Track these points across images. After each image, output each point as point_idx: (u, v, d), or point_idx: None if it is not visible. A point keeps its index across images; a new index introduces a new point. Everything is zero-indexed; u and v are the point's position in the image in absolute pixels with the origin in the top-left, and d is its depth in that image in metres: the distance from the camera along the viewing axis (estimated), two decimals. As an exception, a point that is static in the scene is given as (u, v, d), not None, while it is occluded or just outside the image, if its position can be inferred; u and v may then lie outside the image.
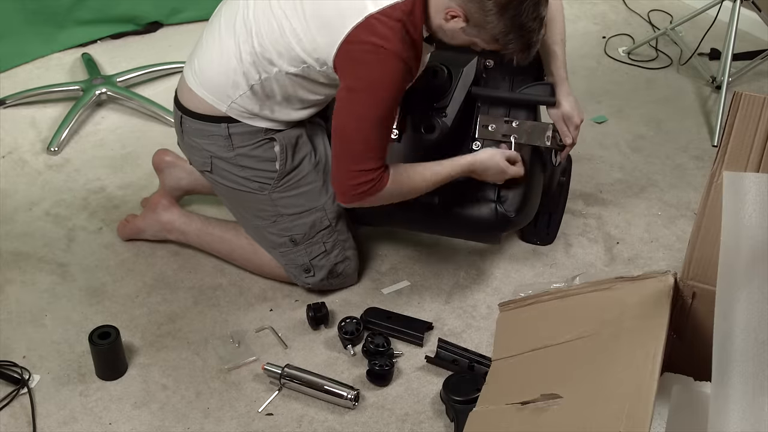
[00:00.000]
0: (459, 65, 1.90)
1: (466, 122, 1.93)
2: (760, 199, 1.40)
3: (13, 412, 1.76)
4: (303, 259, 1.97)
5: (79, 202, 2.35)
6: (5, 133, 2.63)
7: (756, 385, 1.26)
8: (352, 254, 2.03)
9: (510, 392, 1.54)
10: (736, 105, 1.44)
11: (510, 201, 1.94)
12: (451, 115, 1.89)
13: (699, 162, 2.53)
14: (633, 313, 1.52)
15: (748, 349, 1.29)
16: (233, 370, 1.85)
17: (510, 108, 1.96)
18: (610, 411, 1.32)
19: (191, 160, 1.99)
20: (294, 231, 1.94)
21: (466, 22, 1.65)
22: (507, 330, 1.74)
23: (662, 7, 3.38)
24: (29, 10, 2.94)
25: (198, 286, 2.07)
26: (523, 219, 2.02)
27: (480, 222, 1.95)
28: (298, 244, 1.95)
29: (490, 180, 1.91)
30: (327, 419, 1.75)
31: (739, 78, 2.89)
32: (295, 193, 1.92)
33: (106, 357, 1.82)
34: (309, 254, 1.96)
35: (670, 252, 2.19)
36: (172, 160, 2.22)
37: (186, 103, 1.89)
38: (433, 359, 1.85)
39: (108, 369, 1.83)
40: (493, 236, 2.05)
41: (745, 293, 1.33)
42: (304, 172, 1.92)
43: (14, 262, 2.14)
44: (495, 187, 1.94)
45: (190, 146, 1.94)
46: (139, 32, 3.18)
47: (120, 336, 1.82)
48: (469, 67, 1.91)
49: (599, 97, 2.85)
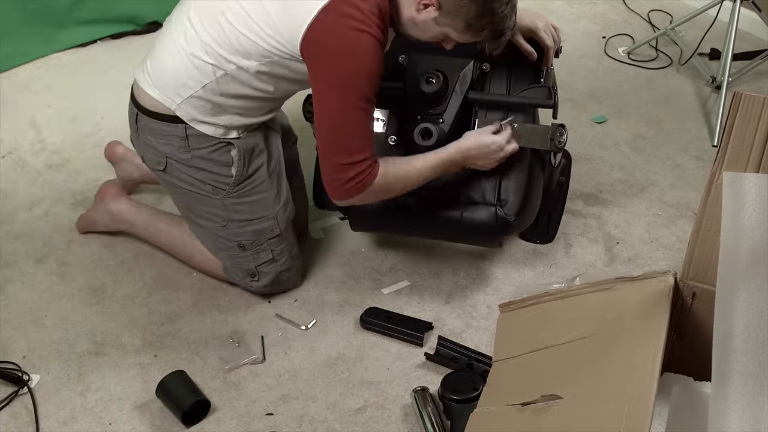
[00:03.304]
0: (455, 70, 1.90)
1: (463, 127, 1.93)
2: (760, 199, 1.40)
3: (13, 412, 1.76)
4: (249, 265, 1.96)
5: (79, 202, 2.35)
6: (5, 133, 2.63)
7: (756, 385, 1.26)
8: (298, 264, 2.04)
9: (511, 393, 1.54)
10: (736, 105, 1.44)
11: (510, 204, 1.93)
12: (448, 120, 1.88)
13: (699, 162, 2.53)
14: (633, 314, 1.52)
15: (748, 349, 1.29)
16: (233, 370, 1.85)
17: (507, 111, 1.95)
18: (610, 411, 1.33)
19: (144, 158, 1.94)
20: (243, 237, 1.93)
21: (438, 9, 1.65)
22: (507, 331, 1.75)
23: (662, 7, 3.38)
24: (29, 10, 2.94)
25: (198, 286, 2.07)
26: (523, 223, 2.01)
27: (480, 226, 1.94)
28: (246, 249, 1.94)
29: (488, 165, 1.87)
30: (327, 419, 1.75)
31: (739, 78, 2.89)
32: (249, 201, 1.90)
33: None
34: (256, 260, 1.96)
35: (670, 252, 2.19)
36: (123, 152, 2.25)
37: (143, 102, 1.85)
38: (432, 356, 1.85)
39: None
40: (493, 240, 2.05)
41: (745, 293, 1.33)
42: (260, 180, 1.90)
43: (14, 262, 2.14)
44: (495, 191, 1.93)
45: (144, 144, 1.89)
46: (139, 32, 3.18)
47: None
48: (465, 72, 1.90)
49: (599, 97, 2.85)
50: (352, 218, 2.03)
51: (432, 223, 1.97)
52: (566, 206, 2.28)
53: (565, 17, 3.37)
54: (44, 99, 2.82)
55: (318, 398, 1.80)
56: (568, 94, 2.86)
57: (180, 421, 1.73)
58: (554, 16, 3.37)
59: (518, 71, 1.97)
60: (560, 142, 1.93)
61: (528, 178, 1.95)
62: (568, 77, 2.96)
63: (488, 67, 1.97)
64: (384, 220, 1.98)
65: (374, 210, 1.94)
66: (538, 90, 1.96)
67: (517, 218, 1.94)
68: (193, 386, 1.78)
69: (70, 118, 2.72)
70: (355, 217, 2.02)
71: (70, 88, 2.88)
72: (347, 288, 2.08)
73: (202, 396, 1.76)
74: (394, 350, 1.91)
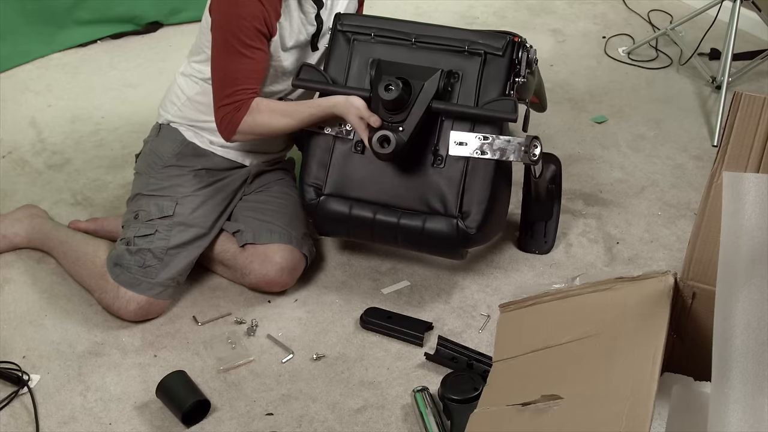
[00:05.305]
0: (420, 79, 1.88)
1: (426, 136, 1.92)
2: (760, 200, 1.40)
3: (13, 412, 1.76)
4: (129, 234, 1.97)
5: (79, 201, 2.35)
6: (5, 133, 2.63)
7: (756, 385, 1.26)
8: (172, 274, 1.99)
9: (511, 393, 1.54)
10: (736, 105, 1.44)
11: (472, 217, 1.91)
12: (408, 129, 1.85)
13: (699, 162, 2.53)
14: (633, 314, 1.52)
15: (748, 349, 1.29)
16: (229, 370, 1.85)
17: (474, 123, 1.93)
18: (610, 411, 1.32)
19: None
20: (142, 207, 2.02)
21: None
22: (508, 331, 1.74)
23: (662, 7, 3.38)
24: (29, 10, 2.94)
25: (198, 286, 2.07)
26: (484, 237, 1.99)
27: (441, 237, 1.92)
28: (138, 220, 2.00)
29: (353, 122, 1.90)
30: (327, 419, 1.75)
31: (739, 78, 2.89)
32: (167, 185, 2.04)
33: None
34: (137, 231, 1.97)
35: (670, 252, 2.19)
36: (85, 227, 2.21)
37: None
38: (432, 356, 1.85)
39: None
40: (456, 252, 2.01)
41: (745, 293, 1.33)
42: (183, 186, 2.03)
43: (14, 262, 2.14)
44: (457, 202, 1.91)
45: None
46: (139, 32, 3.18)
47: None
48: (431, 81, 1.88)
49: (599, 97, 2.85)
50: (316, 223, 2.03)
51: (394, 232, 1.95)
52: (566, 206, 2.28)
53: (565, 17, 3.37)
54: (44, 99, 2.82)
55: (318, 398, 1.80)
56: (568, 94, 2.87)
57: (180, 421, 1.73)
58: (554, 16, 3.38)
59: (486, 83, 1.94)
60: (534, 155, 1.89)
61: (491, 191, 1.92)
62: (568, 77, 2.96)
63: (459, 76, 1.95)
64: (346, 226, 1.98)
65: (337, 216, 1.96)
66: (504, 102, 1.92)
67: (479, 231, 1.92)
68: (193, 386, 1.78)
69: (70, 118, 2.72)
70: (318, 222, 2.01)
71: (70, 88, 2.88)
72: (347, 288, 2.08)
73: (202, 396, 1.76)
74: (394, 350, 1.91)
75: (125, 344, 1.91)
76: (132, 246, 1.95)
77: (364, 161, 1.95)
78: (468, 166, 1.92)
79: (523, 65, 1.97)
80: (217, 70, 1.91)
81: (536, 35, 3.15)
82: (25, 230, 2.15)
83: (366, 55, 1.97)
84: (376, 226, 1.95)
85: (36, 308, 2.01)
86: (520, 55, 1.96)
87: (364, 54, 1.98)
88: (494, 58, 1.94)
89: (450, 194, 1.92)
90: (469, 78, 1.94)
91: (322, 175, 1.97)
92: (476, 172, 1.92)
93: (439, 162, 1.93)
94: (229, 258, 2.04)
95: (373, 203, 1.95)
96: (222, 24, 1.87)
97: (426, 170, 1.94)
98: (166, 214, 1.98)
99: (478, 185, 1.92)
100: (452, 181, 1.92)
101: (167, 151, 2.07)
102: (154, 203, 2.00)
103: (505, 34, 1.99)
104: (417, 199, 1.93)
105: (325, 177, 1.97)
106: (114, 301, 1.93)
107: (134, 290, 1.92)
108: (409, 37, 1.97)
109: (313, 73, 1.99)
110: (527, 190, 2.17)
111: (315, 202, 1.97)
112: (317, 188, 1.97)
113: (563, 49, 3.14)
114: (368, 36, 1.98)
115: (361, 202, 1.95)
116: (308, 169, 1.98)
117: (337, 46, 2.00)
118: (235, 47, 1.86)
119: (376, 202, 1.95)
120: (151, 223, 1.97)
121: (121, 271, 1.93)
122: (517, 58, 1.96)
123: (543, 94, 2.43)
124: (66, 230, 2.16)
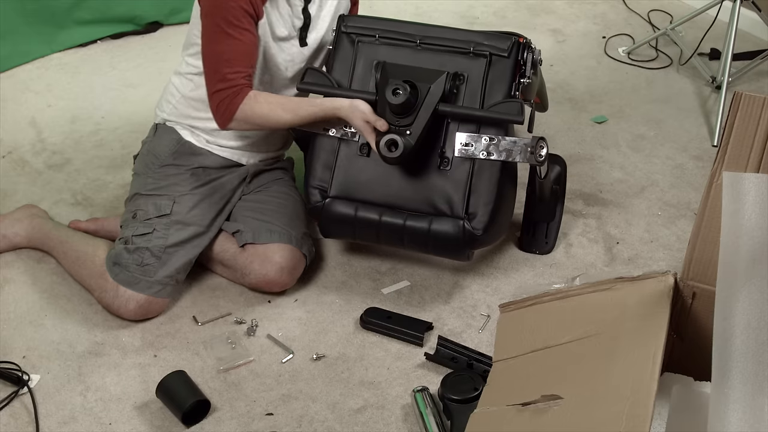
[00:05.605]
0: (426, 82, 1.88)
1: (432, 138, 1.92)
2: (760, 200, 1.40)
3: (13, 412, 1.76)
4: (128, 233, 1.97)
5: (79, 201, 2.35)
6: (5, 133, 2.63)
7: (756, 385, 1.26)
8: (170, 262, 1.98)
9: (511, 393, 1.54)
10: (736, 105, 1.44)
11: (478, 218, 1.91)
12: (416, 132, 1.85)
13: (699, 162, 2.53)
14: (633, 314, 1.52)
15: (748, 349, 1.29)
16: (229, 370, 1.85)
17: (480, 125, 1.93)
18: (610, 411, 1.33)
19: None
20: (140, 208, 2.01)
21: None
22: (508, 331, 1.74)
23: (662, 7, 3.38)
24: (29, 10, 2.94)
25: (198, 286, 2.07)
26: (490, 238, 1.99)
27: (447, 239, 1.92)
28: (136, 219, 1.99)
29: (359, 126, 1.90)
30: (327, 419, 1.75)
31: (739, 78, 2.89)
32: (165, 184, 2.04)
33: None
34: (135, 230, 1.97)
35: (670, 252, 2.19)
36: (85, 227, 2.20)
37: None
38: (432, 356, 1.85)
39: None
40: (462, 253, 2.01)
41: (745, 293, 1.33)
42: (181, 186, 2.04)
43: (14, 262, 2.14)
44: (464, 204, 1.92)
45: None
46: (139, 32, 3.18)
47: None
48: (437, 84, 1.89)
49: (599, 97, 2.85)
50: (321, 225, 2.03)
51: (400, 233, 1.95)
52: (566, 206, 2.28)
53: (565, 17, 3.37)
54: (44, 99, 2.82)
55: (318, 398, 1.80)
56: (568, 94, 2.87)
57: (180, 421, 1.73)
58: (554, 16, 3.38)
59: (493, 83, 1.94)
60: (540, 156, 1.90)
61: (498, 192, 1.92)
62: (568, 77, 2.96)
63: (465, 78, 1.95)
64: (352, 228, 1.98)
65: (343, 219, 1.95)
66: (510, 105, 1.92)
67: (485, 233, 1.92)
68: (193, 386, 1.78)
69: (70, 118, 2.72)
70: (324, 224, 2.01)
71: (70, 88, 2.88)
72: (347, 288, 2.08)
73: (202, 396, 1.76)
74: (394, 350, 1.91)
75: (125, 344, 1.91)
76: (130, 245, 1.95)
77: (370, 163, 1.95)
78: (474, 168, 1.92)
79: (528, 66, 1.98)
80: (207, 55, 1.91)
81: (536, 35, 3.15)
82: (25, 230, 2.15)
83: (370, 57, 1.98)
84: (382, 228, 1.95)
85: (36, 308, 2.01)
86: (525, 55, 1.97)
87: (369, 56, 1.98)
88: (499, 59, 1.95)
89: (456, 196, 1.92)
90: (475, 79, 1.95)
91: (327, 177, 1.97)
92: (482, 173, 1.92)
93: (445, 164, 1.93)
94: (229, 258, 2.04)
95: (378, 205, 1.95)
96: (210, 9, 1.88)
97: (432, 172, 1.94)
98: (163, 213, 1.98)
99: (485, 186, 1.92)
100: (458, 183, 1.92)
101: (164, 151, 2.07)
102: (151, 202, 2.00)
103: (510, 35, 1.99)
104: (423, 200, 1.93)
105: (331, 179, 1.97)
106: (114, 300, 1.93)
107: (133, 289, 1.92)
108: (414, 38, 1.98)
109: (318, 76, 1.98)
110: (531, 190, 2.17)
111: (320, 204, 1.97)
112: (322, 190, 1.97)
113: (563, 49, 3.15)
114: (373, 37, 1.98)
115: (367, 204, 1.95)
116: (313, 171, 1.98)
117: (342, 47, 2.00)
118: (223, 29, 1.86)
119: (382, 204, 1.95)
120: (149, 222, 1.97)
121: (120, 270, 1.93)
122: (523, 59, 1.97)
123: (544, 94, 2.43)
124: (66, 230, 2.16)
